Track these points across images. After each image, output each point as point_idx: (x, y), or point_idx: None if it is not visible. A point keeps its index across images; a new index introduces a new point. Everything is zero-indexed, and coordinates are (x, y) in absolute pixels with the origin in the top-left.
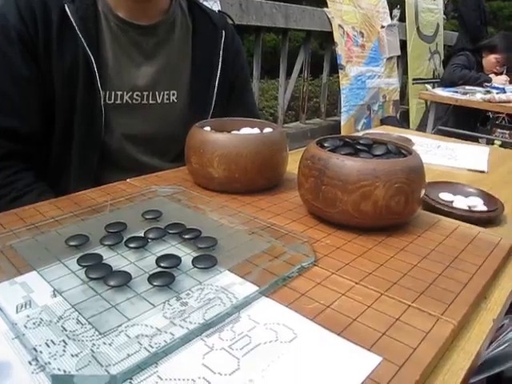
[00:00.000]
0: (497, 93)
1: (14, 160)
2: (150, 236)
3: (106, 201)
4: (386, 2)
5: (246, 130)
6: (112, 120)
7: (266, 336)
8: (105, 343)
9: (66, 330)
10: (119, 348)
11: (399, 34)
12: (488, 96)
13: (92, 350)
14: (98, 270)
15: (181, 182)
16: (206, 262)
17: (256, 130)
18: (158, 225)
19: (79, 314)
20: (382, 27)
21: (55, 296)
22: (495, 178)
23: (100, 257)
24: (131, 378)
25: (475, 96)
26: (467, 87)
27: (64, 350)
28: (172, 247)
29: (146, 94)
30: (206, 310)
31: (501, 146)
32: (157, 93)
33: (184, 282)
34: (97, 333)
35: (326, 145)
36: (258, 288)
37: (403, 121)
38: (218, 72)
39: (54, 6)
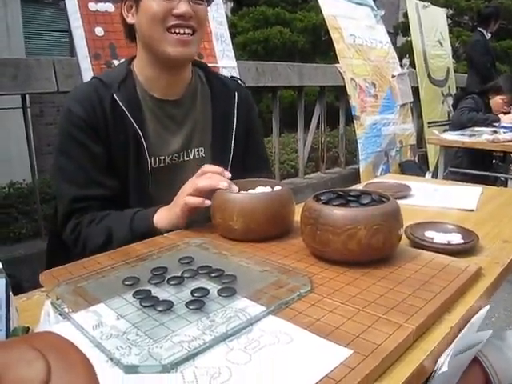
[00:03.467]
0: (504, 132)
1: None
2: (186, 275)
3: (150, 251)
4: (394, 53)
5: (259, 189)
6: (157, 179)
7: (271, 340)
8: (157, 346)
9: (129, 340)
10: (167, 349)
11: (411, 80)
12: (492, 137)
13: (149, 351)
14: (148, 300)
15: (208, 234)
16: (228, 291)
17: (268, 189)
18: (191, 267)
19: (138, 329)
20: (393, 76)
21: (119, 319)
22: (481, 215)
23: (149, 291)
24: (176, 368)
25: (481, 137)
26: (476, 128)
27: (129, 352)
28: (202, 283)
29: (181, 153)
30: (227, 324)
31: None
32: (189, 151)
33: (212, 307)
34: (151, 340)
35: (321, 198)
36: (266, 309)
37: (422, 163)
38: (234, 127)
39: (106, 95)
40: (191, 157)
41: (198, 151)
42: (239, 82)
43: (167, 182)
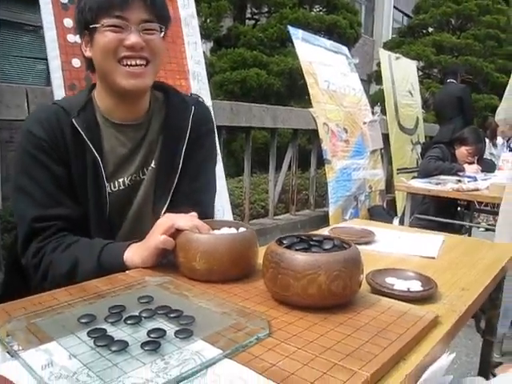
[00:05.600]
0: (468, 181)
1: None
2: (144, 315)
3: (110, 289)
4: (367, 100)
5: (224, 230)
6: (115, 201)
7: None
8: None
9: (79, 381)
10: None
11: (382, 127)
12: (457, 186)
13: None
14: (103, 340)
15: (170, 273)
16: (185, 333)
17: (232, 230)
18: (150, 306)
19: (89, 370)
20: (365, 123)
21: (70, 358)
22: (442, 263)
23: (104, 330)
24: None
25: (446, 186)
26: (442, 177)
27: None
28: (160, 323)
29: (138, 173)
30: (182, 366)
31: (487, 230)
32: (145, 170)
33: (167, 348)
34: (102, 382)
35: (284, 242)
36: (222, 352)
37: (390, 209)
38: (186, 140)
39: (65, 121)
40: (147, 174)
41: (152, 166)
42: (200, 98)
43: (124, 201)
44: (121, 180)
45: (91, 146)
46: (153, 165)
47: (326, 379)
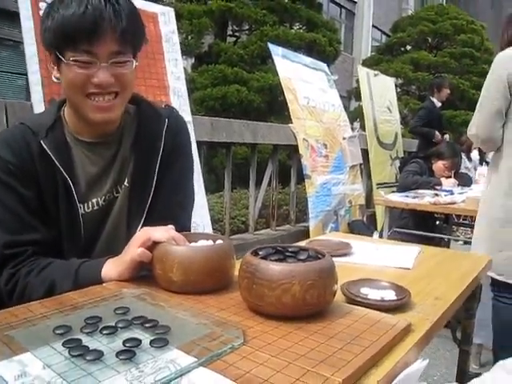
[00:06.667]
0: (445, 195)
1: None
2: (119, 325)
3: (86, 300)
4: (346, 116)
5: (201, 242)
6: (89, 221)
7: None
8: None
9: None
10: None
11: (361, 143)
12: (434, 199)
13: None
14: (78, 350)
15: (147, 284)
16: (160, 342)
17: (210, 242)
18: (126, 317)
19: (63, 379)
20: (344, 138)
21: (44, 369)
22: (417, 273)
23: (80, 340)
24: None
25: (424, 199)
26: (419, 191)
27: None
28: (136, 333)
29: (113, 191)
30: (157, 374)
31: (465, 243)
32: (118, 187)
33: (142, 357)
34: None
35: (260, 253)
36: (197, 360)
37: (370, 223)
38: (160, 153)
39: (33, 142)
40: (120, 192)
41: (125, 184)
42: (173, 109)
43: (99, 221)
44: (94, 200)
45: (61, 167)
46: (126, 182)
47: None
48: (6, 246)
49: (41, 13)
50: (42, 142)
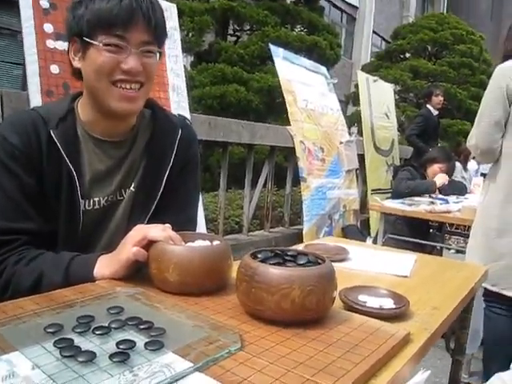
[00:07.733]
0: (440, 203)
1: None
2: (113, 326)
3: (78, 298)
4: (344, 120)
5: (198, 242)
6: (89, 219)
7: None
8: None
9: None
10: None
11: (358, 148)
12: (429, 207)
13: None
14: (69, 350)
15: (142, 284)
16: (155, 345)
17: (207, 242)
18: (120, 317)
19: (53, 381)
20: (341, 143)
21: (34, 369)
22: (414, 281)
23: (72, 340)
24: None
25: (419, 207)
26: (415, 198)
27: None
28: (130, 335)
29: (117, 193)
30: (151, 379)
31: (457, 252)
32: (123, 191)
33: (137, 360)
34: None
35: (258, 256)
36: (193, 365)
37: (364, 229)
38: (170, 163)
39: (43, 131)
40: (125, 196)
41: (131, 189)
42: (186, 120)
43: (99, 221)
44: (96, 199)
45: (67, 159)
46: (132, 187)
47: None
48: (0, 232)
49: (40, 2)
50: (51, 131)
